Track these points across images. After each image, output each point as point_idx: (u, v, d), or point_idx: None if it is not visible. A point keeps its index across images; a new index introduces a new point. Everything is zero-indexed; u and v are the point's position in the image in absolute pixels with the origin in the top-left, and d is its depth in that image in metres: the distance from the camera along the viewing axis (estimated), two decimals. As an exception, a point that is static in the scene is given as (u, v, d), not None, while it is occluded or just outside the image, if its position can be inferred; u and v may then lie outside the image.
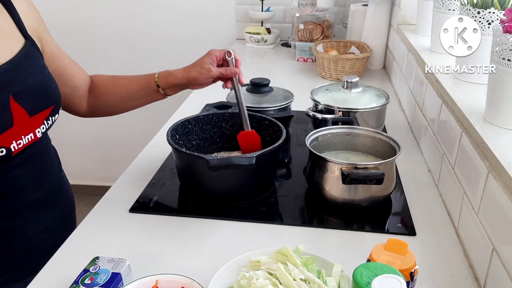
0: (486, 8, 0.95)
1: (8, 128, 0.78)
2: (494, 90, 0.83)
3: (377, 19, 1.87)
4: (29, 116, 0.82)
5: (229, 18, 2.42)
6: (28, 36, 0.87)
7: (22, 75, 0.82)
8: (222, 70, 0.99)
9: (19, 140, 0.81)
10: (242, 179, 0.98)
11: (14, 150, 0.80)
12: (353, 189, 0.94)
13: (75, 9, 2.47)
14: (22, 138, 0.81)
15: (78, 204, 1.08)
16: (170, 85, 1.02)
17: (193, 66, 1.00)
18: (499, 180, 0.71)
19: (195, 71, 0.99)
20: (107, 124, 2.47)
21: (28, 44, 0.86)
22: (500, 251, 0.71)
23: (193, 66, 1.00)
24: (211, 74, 0.98)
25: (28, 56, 0.85)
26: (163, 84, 1.02)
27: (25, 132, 0.82)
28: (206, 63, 0.99)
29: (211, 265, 0.78)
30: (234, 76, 1.00)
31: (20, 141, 0.81)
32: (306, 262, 0.73)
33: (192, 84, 1.01)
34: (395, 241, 0.67)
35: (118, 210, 0.98)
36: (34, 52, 0.87)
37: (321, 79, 1.82)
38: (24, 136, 0.82)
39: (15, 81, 0.81)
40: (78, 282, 0.70)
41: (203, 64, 0.99)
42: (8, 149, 0.78)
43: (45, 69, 0.89)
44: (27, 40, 0.86)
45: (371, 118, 1.25)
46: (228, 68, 1.00)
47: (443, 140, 1.04)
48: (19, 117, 0.80)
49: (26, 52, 0.85)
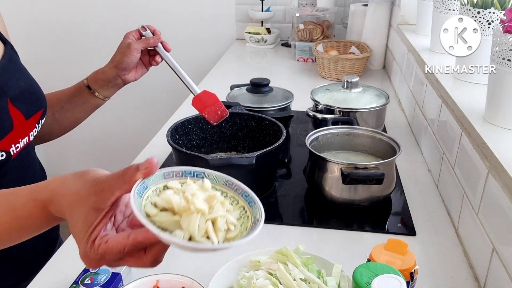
0: (486, 8, 0.95)
1: (9, 132, 0.78)
2: (494, 90, 0.83)
3: (377, 19, 1.87)
4: (25, 119, 0.82)
5: (229, 18, 2.42)
6: (7, 40, 0.85)
7: (13, 79, 0.81)
8: (144, 42, 0.92)
9: (17, 143, 0.80)
10: (242, 179, 0.98)
11: (13, 153, 0.79)
12: (353, 189, 0.94)
13: (75, 10, 2.47)
14: (20, 141, 0.81)
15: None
16: (101, 82, 0.96)
17: (115, 53, 0.95)
18: (499, 180, 0.71)
19: (117, 54, 0.94)
20: (107, 124, 2.47)
21: (9, 49, 0.84)
22: (500, 251, 0.71)
23: (115, 53, 0.95)
24: (132, 49, 0.91)
25: (12, 61, 0.84)
26: (93, 83, 0.96)
27: (22, 135, 0.82)
28: (124, 43, 0.93)
29: (211, 265, 0.78)
30: (156, 46, 0.93)
31: (18, 144, 0.81)
32: (306, 262, 0.73)
33: (121, 70, 0.94)
34: (395, 241, 0.67)
35: (118, 210, 0.98)
36: (15, 56, 0.86)
37: (321, 79, 1.82)
38: (21, 139, 0.81)
39: (9, 85, 0.80)
40: (78, 282, 0.70)
41: (121, 45, 0.93)
42: (8, 153, 0.78)
43: (28, 72, 0.88)
44: (6, 45, 0.84)
45: (371, 118, 1.25)
46: (147, 38, 0.93)
47: (443, 140, 1.04)
48: (17, 120, 0.80)
49: (9, 57, 0.83)
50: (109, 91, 0.98)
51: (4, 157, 0.77)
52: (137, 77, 0.98)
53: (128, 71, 0.95)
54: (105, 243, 0.46)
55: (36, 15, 2.45)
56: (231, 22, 2.43)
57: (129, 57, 0.92)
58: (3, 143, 0.76)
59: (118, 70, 0.94)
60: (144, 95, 2.53)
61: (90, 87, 0.96)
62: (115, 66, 0.94)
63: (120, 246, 0.46)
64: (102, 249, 0.46)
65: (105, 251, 0.46)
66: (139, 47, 0.92)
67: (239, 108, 1.15)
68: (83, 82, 0.97)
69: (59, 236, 1.03)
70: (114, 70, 0.94)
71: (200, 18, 2.42)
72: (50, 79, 1.10)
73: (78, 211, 0.48)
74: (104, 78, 0.95)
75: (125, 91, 1.26)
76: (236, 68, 2.03)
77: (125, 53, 0.92)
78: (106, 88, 0.97)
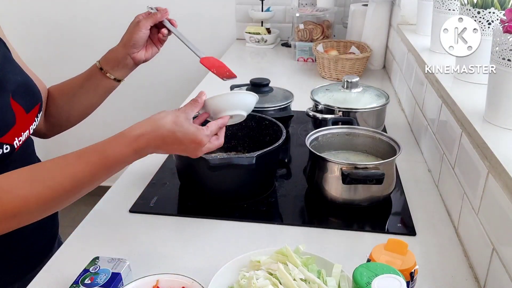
0: (486, 8, 0.95)
1: (12, 126, 0.80)
2: (494, 90, 0.83)
3: (377, 19, 1.87)
4: (26, 113, 0.84)
5: (229, 18, 2.42)
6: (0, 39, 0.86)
7: (10, 73, 0.83)
8: (152, 17, 0.94)
9: (20, 137, 0.82)
10: (242, 179, 0.98)
11: (16, 146, 0.81)
12: (353, 189, 0.94)
13: (73, 10, 2.47)
14: (22, 134, 0.83)
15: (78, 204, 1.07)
16: (112, 62, 0.96)
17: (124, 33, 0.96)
18: (499, 180, 0.71)
19: (126, 34, 0.95)
20: (106, 124, 2.46)
21: (2, 46, 0.85)
22: (500, 251, 0.71)
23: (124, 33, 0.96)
24: (140, 24, 0.93)
25: (6, 57, 0.85)
26: (105, 64, 0.96)
27: (24, 128, 0.83)
28: (133, 22, 0.95)
29: (211, 265, 0.78)
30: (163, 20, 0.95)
31: (20, 137, 0.82)
32: (306, 262, 0.73)
33: (130, 48, 0.94)
34: (395, 241, 0.67)
35: (118, 210, 0.98)
36: (8, 54, 0.87)
37: (321, 79, 1.82)
38: (23, 132, 0.83)
39: (8, 80, 0.81)
40: (78, 282, 0.70)
41: (130, 24, 0.95)
42: (11, 146, 0.80)
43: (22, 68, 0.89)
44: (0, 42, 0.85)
45: (371, 118, 1.25)
46: (154, 13, 0.95)
47: (443, 140, 1.04)
48: (19, 114, 0.82)
49: (4, 53, 0.84)
50: (120, 72, 0.98)
51: (9, 150, 0.79)
52: (148, 56, 0.99)
53: (137, 49, 0.95)
54: (207, 127, 0.77)
55: (33, 13, 2.45)
56: (231, 22, 2.43)
57: (137, 33, 0.93)
58: (7, 136, 0.78)
59: (127, 49, 0.95)
60: (144, 95, 2.53)
61: (102, 68, 0.97)
62: (124, 45, 0.95)
63: (215, 125, 0.78)
64: (210, 127, 0.77)
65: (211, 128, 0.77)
66: (147, 24, 0.94)
67: (239, 108, 1.15)
68: (96, 64, 0.98)
69: (59, 235, 1.04)
70: (123, 49, 0.95)
71: (200, 18, 2.42)
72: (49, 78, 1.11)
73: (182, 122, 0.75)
74: (114, 58, 0.96)
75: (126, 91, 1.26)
76: (236, 68, 2.03)
77: (134, 31, 0.93)
78: (117, 69, 0.97)
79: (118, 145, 0.72)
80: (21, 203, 0.67)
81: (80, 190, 0.71)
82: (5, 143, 0.78)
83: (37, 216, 0.71)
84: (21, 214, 0.68)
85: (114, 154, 0.71)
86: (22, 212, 0.67)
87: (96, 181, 0.72)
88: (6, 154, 0.79)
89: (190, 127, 0.75)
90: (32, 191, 0.67)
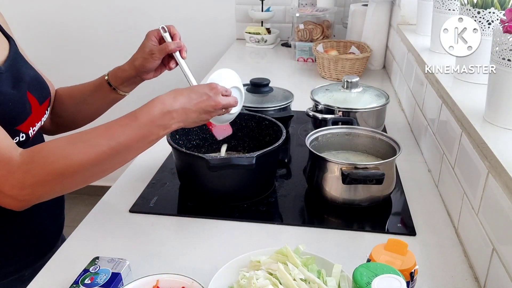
0: (486, 8, 0.95)
1: (29, 115, 0.84)
2: (494, 90, 0.83)
3: (377, 19, 1.87)
4: (39, 105, 0.88)
5: (229, 18, 2.42)
6: (9, 36, 0.90)
7: (23, 68, 0.88)
8: (166, 49, 0.95)
9: (34, 127, 0.86)
10: (242, 179, 0.98)
11: (31, 135, 0.85)
12: (353, 189, 0.94)
13: (76, 12, 2.47)
14: (36, 125, 0.87)
15: (77, 204, 1.08)
16: (121, 80, 0.99)
17: (136, 54, 0.98)
18: (499, 180, 0.71)
19: (139, 58, 0.96)
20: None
21: (13, 44, 0.89)
22: (500, 251, 0.71)
23: (136, 54, 0.98)
24: (154, 57, 0.95)
25: (18, 53, 0.89)
26: (114, 80, 0.99)
27: (37, 119, 0.88)
28: (147, 46, 0.96)
29: (211, 265, 0.78)
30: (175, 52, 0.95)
31: (34, 128, 0.87)
32: (306, 262, 0.73)
33: (142, 72, 0.98)
34: (395, 241, 0.67)
35: (118, 210, 0.98)
36: (19, 51, 0.91)
37: (321, 79, 1.82)
38: (36, 123, 0.87)
39: (23, 74, 0.86)
40: (78, 282, 0.70)
41: (144, 48, 0.96)
42: (27, 135, 0.84)
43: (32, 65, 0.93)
44: (10, 40, 0.89)
45: (371, 118, 1.25)
46: (167, 44, 0.95)
47: (443, 140, 1.04)
48: (34, 105, 0.86)
49: (15, 50, 0.89)
50: (128, 88, 1.02)
51: (24, 138, 0.83)
52: (156, 75, 1.02)
53: (148, 74, 1.00)
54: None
55: (35, 15, 2.45)
56: (231, 22, 2.43)
57: (151, 62, 0.96)
58: (24, 125, 0.83)
59: (139, 72, 0.98)
60: (144, 94, 2.52)
61: (110, 84, 1.00)
62: (136, 68, 0.97)
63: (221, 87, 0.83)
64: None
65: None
66: (161, 56, 0.96)
67: (239, 108, 1.15)
68: (104, 78, 1.01)
69: (62, 234, 1.04)
70: (134, 71, 0.98)
71: (200, 18, 2.42)
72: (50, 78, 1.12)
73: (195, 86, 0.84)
74: (124, 77, 0.99)
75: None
76: (236, 68, 2.03)
77: (147, 59, 0.96)
78: (126, 85, 1.01)
79: (146, 107, 0.77)
80: (66, 162, 0.71)
81: (118, 153, 0.74)
82: (22, 131, 0.82)
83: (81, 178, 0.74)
84: (66, 174, 0.71)
85: (143, 114, 0.76)
86: (67, 172, 0.71)
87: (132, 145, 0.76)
88: (22, 142, 0.83)
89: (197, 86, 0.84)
90: (74, 150, 0.72)
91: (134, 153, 0.78)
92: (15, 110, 0.81)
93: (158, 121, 0.77)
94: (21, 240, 0.91)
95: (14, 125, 0.80)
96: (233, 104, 0.86)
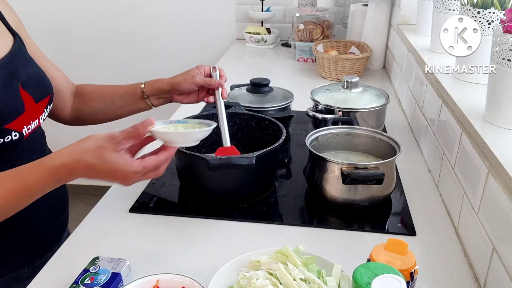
0: (486, 8, 0.95)
1: (21, 113, 0.84)
2: (494, 90, 0.83)
3: (377, 19, 1.87)
4: (35, 103, 0.88)
5: (229, 18, 2.42)
6: (15, 33, 0.91)
7: (22, 66, 0.88)
8: (207, 80, 1.00)
9: (29, 125, 0.86)
10: (242, 179, 0.98)
11: (25, 134, 0.85)
12: (353, 189, 0.94)
13: (76, 12, 2.47)
14: (31, 123, 0.87)
15: (78, 204, 1.08)
16: (155, 91, 1.02)
17: (180, 74, 1.02)
18: (499, 180, 0.71)
19: (179, 77, 1.00)
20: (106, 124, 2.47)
21: (18, 40, 0.90)
22: (500, 251, 0.71)
23: (180, 74, 1.02)
24: (194, 80, 0.99)
25: (21, 50, 0.90)
26: (148, 90, 1.02)
27: (33, 117, 0.87)
28: (193, 71, 1.00)
29: (211, 265, 0.78)
30: (217, 89, 0.99)
31: (30, 126, 0.86)
32: (306, 262, 0.73)
33: (175, 89, 1.00)
34: (395, 241, 0.67)
35: (118, 210, 0.98)
36: (23, 48, 0.92)
37: (321, 79, 1.82)
38: (32, 121, 0.87)
39: (19, 71, 0.86)
40: (78, 282, 0.70)
41: (189, 71, 1.01)
42: (20, 133, 0.84)
43: (35, 62, 0.94)
44: (15, 37, 0.90)
45: (371, 118, 1.25)
46: (212, 79, 1.00)
47: (443, 140, 1.04)
48: (28, 103, 0.86)
49: (18, 47, 0.89)
50: (157, 101, 1.04)
51: (18, 137, 0.83)
52: (185, 102, 1.04)
53: (180, 94, 1.02)
54: (142, 159, 0.73)
55: (36, 15, 2.45)
56: (231, 22, 2.43)
57: (188, 85, 0.99)
58: (16, 123, 0.83)
59: (173, 88, 1.01)
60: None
61: (144, 92, 1.02)
62: (172, 85, 1.00)
63: (153, 161, 0.74)
64: (144, 163, 0.72)
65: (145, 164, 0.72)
66: (199, 82, 0.99)
67: (239, 108, 1.15)
68: (140, 85, 1.03)
69: (67, 228, 1.05)
70: (170, 86, 1.01)
71: (200, 18, 2.42)
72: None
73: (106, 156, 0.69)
74: (158, 88, 1.02)
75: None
76: (236, 68, 2.03)
77: (186, 80, 0.99)
78: (157, 98, 1.03)
79: (37, 174, 0.71)
80: None
81: (2, 213, 0.73)
82: (14, 130, 0.82)
83: None
84: None
85: (33, 182, 0.71)
86: None
87: (19, 206, 0.74)
88: (15, 141, 0.83)
89: (117, 160, 0.70)
90: None
91: (23, 207, 0.75)
92: (4, 109, 0.80)
93: (54, 187, 0.74)
94: (18, 238, 0.91)
95: (2, 124, 0.80)
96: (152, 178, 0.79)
